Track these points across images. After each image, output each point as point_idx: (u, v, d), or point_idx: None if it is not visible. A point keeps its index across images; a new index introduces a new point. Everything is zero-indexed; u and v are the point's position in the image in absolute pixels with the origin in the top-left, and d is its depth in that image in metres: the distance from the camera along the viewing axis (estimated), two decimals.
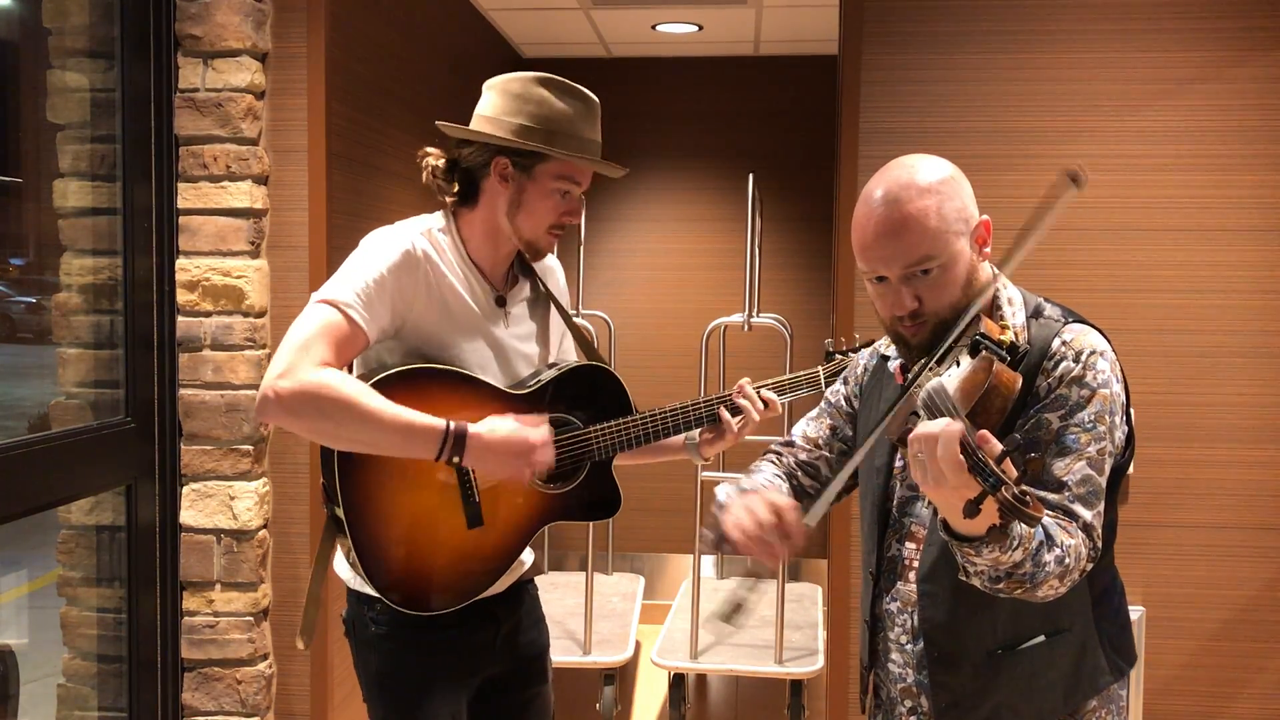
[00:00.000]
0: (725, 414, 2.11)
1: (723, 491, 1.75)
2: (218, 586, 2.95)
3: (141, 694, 2.94)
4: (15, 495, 2.47)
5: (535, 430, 1.88)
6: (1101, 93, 2.96)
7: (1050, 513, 1.51)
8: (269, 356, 2.98)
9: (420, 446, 1.82)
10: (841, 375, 1.94)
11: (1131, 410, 1.66)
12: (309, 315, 1.83)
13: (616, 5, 4.60)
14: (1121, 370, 1.63)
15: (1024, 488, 1.28)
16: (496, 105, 1.98)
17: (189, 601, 2.96)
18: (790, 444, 1.93)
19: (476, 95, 2.05)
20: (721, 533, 1.61)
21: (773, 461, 1.91)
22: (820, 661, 3.81)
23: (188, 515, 2.95)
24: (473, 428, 1.84)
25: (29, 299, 3.67)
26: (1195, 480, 2.98)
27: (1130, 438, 1.65)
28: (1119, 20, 2.95)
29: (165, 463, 2.94)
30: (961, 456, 1.29)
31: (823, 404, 1.94)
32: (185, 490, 2.94)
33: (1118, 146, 2.96)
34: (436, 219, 2.02)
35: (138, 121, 2.88)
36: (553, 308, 2.17)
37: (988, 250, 1.63)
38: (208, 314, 2.92)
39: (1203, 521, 2.98)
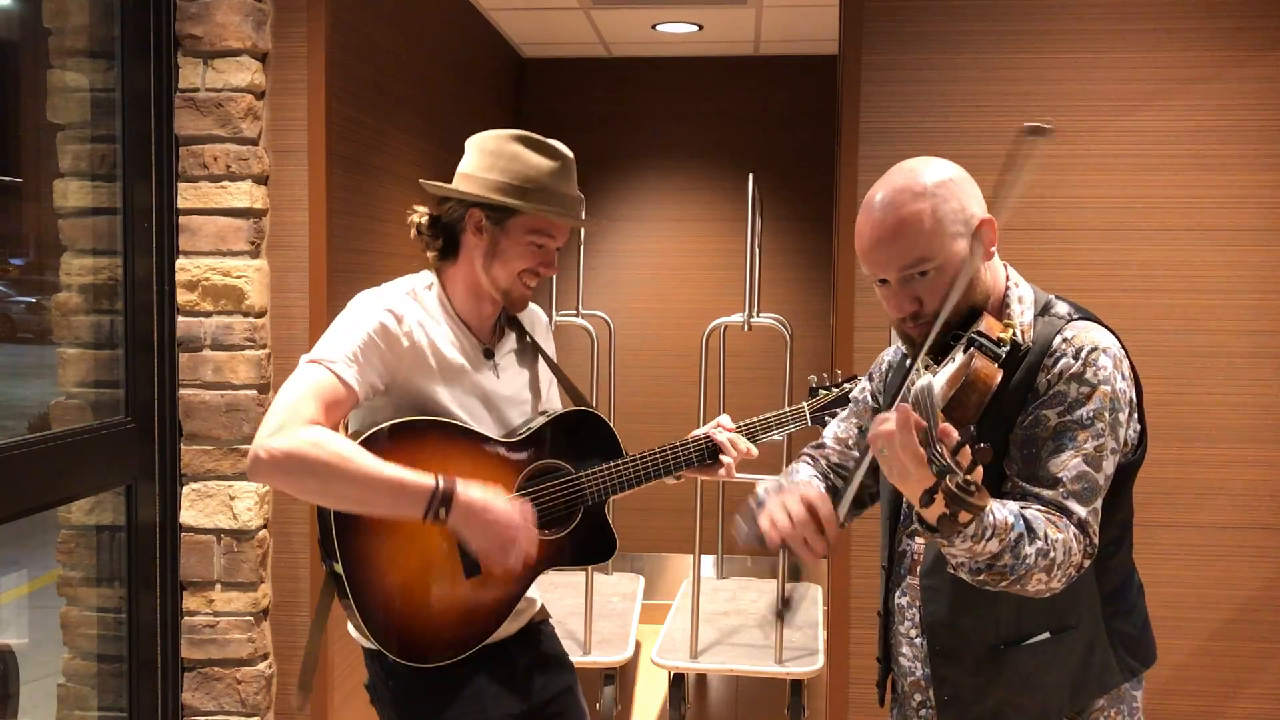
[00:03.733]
0: (726, 459, 2.18)
1: (762, 488, 1.77)
2: (218, 586, 2.96)
3: (141, 694, 2.94)
4: (15, 495, 2.47)
5: (523, 518, 1.88)
6: (1101, 93, 2.96)
7: (1041, 507, 1.52)
8: (269, 357, 2.99)
9: (408, 506, 1.82)
10: (868, 372, 1.98)
11: (1144, 408, 1.66)
12: (299, 376, 1.86)
13: (616, 5, 4.60)
14: (1132, 367, 1.63)
15: (971, 478, 1.28)
16: (473, 162, 2.03)
17: (189, 601, 2.96)
18: (821, 446, 1.97)
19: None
20: (756, 528, 1.64)
21: (808, 463, 1.95)
22: (820, 661, 3.81)
23: (188, 515, 2.95)
24: (461, 490, 1.83)
25: (29, 299, 3.67)
26: (1196, 480, 2.97)
27: (1143, 435, 1.66)
28: (1119, 20, 2.95)
29: (165, 463, 2.94)
30: (921, 449, 1.31)
31: (850, 404, 1.99)
32: (185, 490, 2.94)
33: (1118, 146, 2.96)
34: (423, 278, 2.07)
35: (138, 121, 2.88)
36: (540, 356, 2.20)
37: (994, 249, 1.64)
38: (208, 314, 2.92)
39: (1203, 521, 2.98)
